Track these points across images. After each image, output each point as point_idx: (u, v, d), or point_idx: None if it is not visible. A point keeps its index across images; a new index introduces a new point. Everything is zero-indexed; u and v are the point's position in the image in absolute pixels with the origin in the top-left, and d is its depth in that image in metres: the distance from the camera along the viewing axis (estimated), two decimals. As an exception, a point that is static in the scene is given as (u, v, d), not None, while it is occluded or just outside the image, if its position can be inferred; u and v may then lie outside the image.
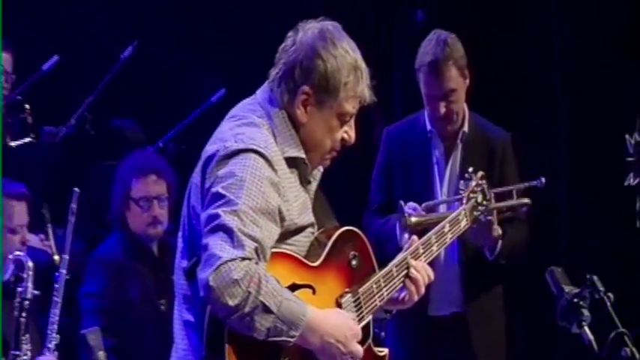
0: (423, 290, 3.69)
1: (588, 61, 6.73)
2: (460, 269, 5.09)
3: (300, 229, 3.52)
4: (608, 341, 3.89)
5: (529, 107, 5.56)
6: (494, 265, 4.84)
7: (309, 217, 3.56)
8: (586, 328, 3.96)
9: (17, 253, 4.76)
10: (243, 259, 3.30)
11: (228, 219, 3.33)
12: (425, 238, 3.82)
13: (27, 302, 4.64)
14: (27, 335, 4.62)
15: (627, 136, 4.17)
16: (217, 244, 3.32)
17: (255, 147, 3.41)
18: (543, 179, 4.97)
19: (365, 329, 3.59)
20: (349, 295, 3.58)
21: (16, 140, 6.11)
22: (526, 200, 4.91)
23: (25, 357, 4.59)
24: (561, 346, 4.43)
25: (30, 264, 4.68)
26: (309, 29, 3.56)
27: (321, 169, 3.66)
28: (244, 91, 3.55)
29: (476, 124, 5.23)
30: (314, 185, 3.65)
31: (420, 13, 7.26)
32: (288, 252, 3.48)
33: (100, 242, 5.81)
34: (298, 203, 3.53)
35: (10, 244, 4.96)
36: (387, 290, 3.64)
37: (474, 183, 4.41)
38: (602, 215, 4.70)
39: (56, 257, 5.59)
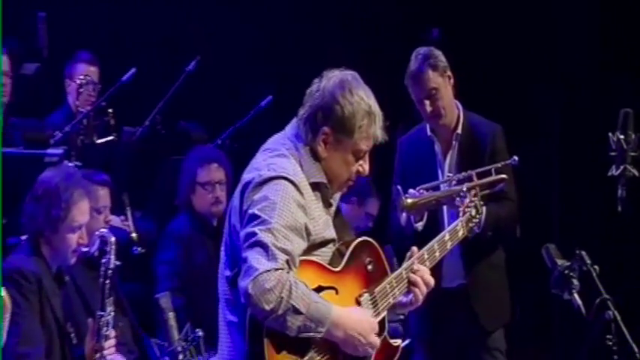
0: (424, 292, 3.64)
1: (582, 78, 6.72)
2: (460, 246, 5.04)
3: (324, 243, 3.51)
4: (594, 306, 3.86)
5: (531, 113, 5.49)
6: (483, 238, 4.78)
7: (331, 233, 3.55)
8: (575, 295, 3.95)
9: (102, 230, 4.76)
10: (277, 269, 3.31)
11: (263, 236, 3.34)
12: (429, 245, 3.78)
13: (110, 271, 4.63)
14: (110, 298, 4.62)
15: (610, 134, 4.14)
16: (255, 258, 3.33)
17: (285, 174, 3.42)
18: (516, 157, 4.92)
19: (381, 323, 3.57)
20: (367, 294, 3.56)
21: (100, 138, 6.13)
22: (503, 176, 4.81)
23: (108, 317, 4.59)
24: (555, 311, 4.36)
25: (112, 239, 4.67)
26: (331, 78, 3.54)
27: (338, 193, 3.64)
28: (287, 97, 3.56)
29: (469, 124, 5.13)
30: (334, 206, 3.63)
31: (435, 31, 7.23)
32: (315, 260, 3.47)
33: (169, 222, 5.79)
34: (322, 220, 3.52)
35: (96, 223, 4.97)
36: (398, 290, 3.61)
37: (467, 200, 4.36)
38: (589, 201, 4.67)
39: (134, 235, 5.60)
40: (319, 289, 3.43)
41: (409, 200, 4.82)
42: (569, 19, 7.54)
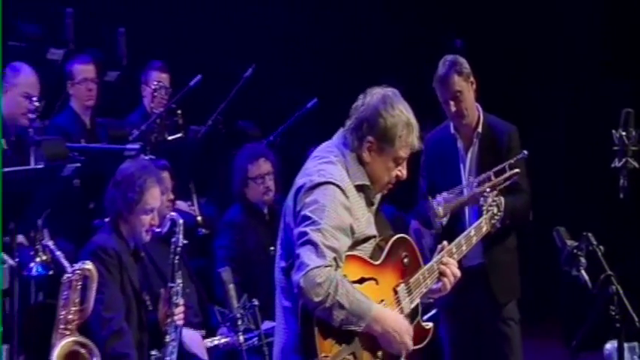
0: (452, 282, 3.62)
1: (586, 81, 6.69)
2: None
3: (366, 239, 3.48)
4: (599, 281, 3.81)
5: (542, 113, 5.43)
6: (501, 226, 4.77)
7: (373, 230, 3.52)
8: (583, 272, 3.90)
9: (172, 214, 4.77)
10: (326, 266, 3.29)
11: (314, 235, 3.31)
12: (457, 240, 3.75)
13: (178, 249, 4.65)
14: (179, 272, 4.64)
15: (613, 131, 4.11)
16: (306, 255, 3.30)
17: (332, 180, 3.39)
18: (526, 152, 4.89)
19: (415, 309, 3.56)
20: (403, 284, 3.52)
21: (171, 135, 6.15)
22: (516, 170, 4.75)
23: (178, 287, 4.60)
24: (564, 286, 4.33)
25: (180, 222, 4.69)
26: (374, 94, 3.51)
27: (379, 194, 3.59)
28: (329, 100, 3.55)
29: (488, 124, 5.06)
30: (375, 205, 3.58)
31: (458, 42, 7.19)
32: (358, 254, 3.44)
33: (228, 207, 5.78)
34: (365, 219, 3.48)
35: (165, 207, 4.98)
36: (430, 280, 3.58)
37: (490, 199, 4.29)
38: (595, 189, 4.60)
39: (199, 218, 5.60)
40: (361, 281, 3.41)
41: (441, 210, 4.80)
42: (574, 27, 7.50)
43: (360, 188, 3.47)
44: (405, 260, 3.56)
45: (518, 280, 5.09)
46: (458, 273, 3.63)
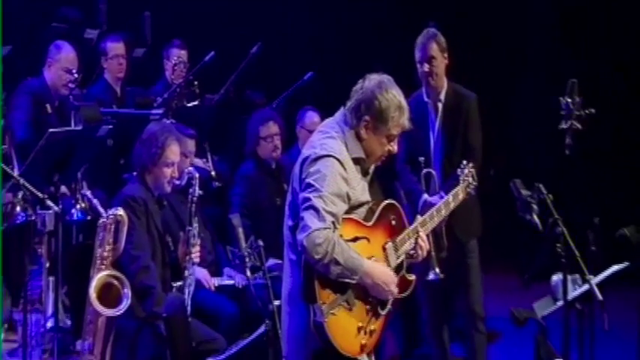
0: (423, 253, 3.59)
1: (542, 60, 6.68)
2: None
3: (360, 205, 3.44)
4: (548, 224, 3.80)
5: (505, 84, 5.38)
6: None
7: (366, 197, 3.48)
8: (535, 216, 3.89)
9: (189, 169, 4.78)
10: (325, 228, 3.28)
11: (315, 201, 3.30)
12: (437, 206, 3.74)
13: (194, 198, 4.66)
14: (195, 217, 4.65)
15: (561, 98, 4.10)
16: (309, 218, 3.29)
17: (333, 153, 3.37)
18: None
19: (400, 264, 3.54)
20: (391, 242, 3.51)
21: (189, 103, 6.14)
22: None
23: (194, 230, 4.61)
24: (519, 229, 4.35)
25: (196, 175, 4.69)
26: (372, 79, 3.48)
27: (373, 165, 3.57)
28: (324, 74, 3.53)
29: (453, 92, 5.03)
30: (369, 175, 3.56)
31: (432, 25, 7.14)
32: (353, 217, 3.43)
33: (238, 165, 5.76)
34: (360, 187, 3.46)
35: (184, 164, 4.97)
36: (413, 239, 3.56)
37: (467, 170, 4.15)
38: (546, 147, 4.59)
39: (213, 173, 5.60)
40: (355, 239, 3.41)
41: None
42: (535, 17, 7.48)
43: (356, 161, 3.45)
44: (393, 222, 3.54)
45: (479, 222, 5.04)
46: (427, 247, 3.60)
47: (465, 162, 4.60)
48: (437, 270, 4.81)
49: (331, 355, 3.33)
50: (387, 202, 3.56)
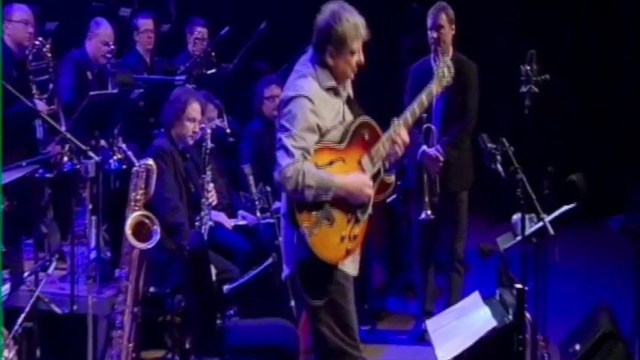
0: (402, 147, 3.36)
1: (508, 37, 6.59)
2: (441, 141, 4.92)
3: (332, 128, 3.29)
4: (509, 172, 3.77)
5: (482, 57, 5.20)
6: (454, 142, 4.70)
7: (340, 117, 3.30)
8: (498, 165, 3.85)
9: (202, 125, 4.76)
10: (294, 163, 3.15)
11: (285, 141, 3.19)
12: (410, 108, 3.44)
13: (207, 150, 4.63)
14: (209, 166, 4.64)
15: (522, 66, 4.08)
16: (280, 156, 3.21)
17: (302, 93, 3.23)
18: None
19: (377, 171, 3.39)
20: (366, 156, 3.35)
21: (207, 71, 6.10)
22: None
23: (208, 177, 4.60)
24: (487, 176, 4.31)
25: (209, 131, 4.68)
26: (325, 12, 3.31)
27: (349, 82, 3.41)
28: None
29: (457, 60, 4.77)
30: (346, 92, 3.38)
31: (416, 6, 7.03)
32: (324, 145, 3.26)
33: (249, 122, 5.73)
34: (332, 114, 3.28)
35: (206, 125, 4.96)
36: (388, 146, 3.36)
37: (442, 63, 3.78)
38: (509, 107, 4.56)
39: (228, 130, 5.58)
40: (331, 163, 3.27)
41: None
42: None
43: (329, 89, 3.31)
44: (366, 137, 3.35)
45: (471, 176, 4.95)
46: (407, 139, 3.39)
47: (440, 55, 4.54)
48: (428, 212, 4.84)
49: (314, 262, 3.25)
50: (359, 120, 3.36)
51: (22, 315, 3.61)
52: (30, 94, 4.92)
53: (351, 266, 3.39)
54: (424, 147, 4.87)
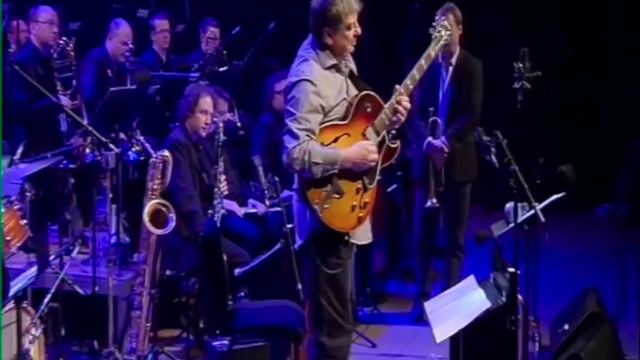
0: (404, 113, 3.29)
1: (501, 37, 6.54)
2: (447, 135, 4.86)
3: (336, 105, 3.24)
4: (503, 162, 3.76)
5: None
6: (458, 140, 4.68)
7: (343, 94, 3.24)
8: (493, 157, 3.85)
9: (215, 119, 4.74)
10: (299, 144, 3.14)
11: (290, 125, 3.19)
12: (410, 74, 3.33)
13: (220, 142, 4.57)
14: (221, 157, 4.61)
15: (515, 63, 4.05)
16: (287, 140, 3.19)
17: (304, 77, 3.21)
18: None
19: (382, 139, 3.32)
20: (370, 127, 3.29)
21: (220, 68, 6.07)
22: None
23: (220, 168, 4.57)
24: (483, 166, 4.28)
25: (221, 125, 4.62)
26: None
27: (350, 58, 3.31)
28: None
29: (463, 57, 4.87)
30: (348, 68, 3.30)
31: (417, 6, 6.99)
32: (328, 123, 3.23)
33: (256, 118, 5.69)
34: (335, 90, 3.23)
35: (217, 117, 4.95)
36: (390, 114, 3.29)
37: (438, 26, 3.57)
38: (503, 102, 4.53)
39: (238, 124, 5.57)
40: (336, 140, 3.24)
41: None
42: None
43: (330, 67, 3.27)
44: (368, 109, 3.29)
45: (476, 168, 4.89)
46: (408, 105, 3.31)
47: (437, 16, 4.50)
48: (434, 200, 4.82)
49: (326, 234, 3.25)
50: (361, 94, 3.30)
51: (48, 295, 3.62)
52: (54, 90, 4.93)
53: (362, 235, 3.40)
54: (430, 138, 4.84)
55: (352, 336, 3.59)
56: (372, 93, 3.34)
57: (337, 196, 3.25)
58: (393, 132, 3.38)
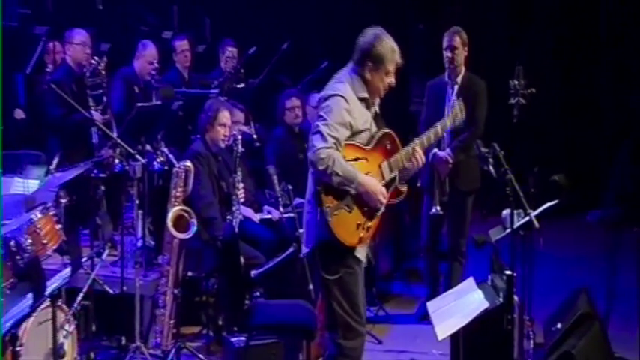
0: (419, 165, 3.40)
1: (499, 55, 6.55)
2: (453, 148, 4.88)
3: (362, 131, 3.30)
4: (500, 172, 3.74)
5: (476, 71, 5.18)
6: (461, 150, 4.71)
7: (367, 125, 3.32)
8: (490, 167, 3.82)
9: (234, 132, 4.76)
10: (328, 147, 3.17)
11: (321, 128, 3.21)
12: (427, 134, 3.49)
13: (238, 153, 4.57)
14: (239, 168, 4.61)
15: (510, 81, 4.06)
16: (316, 139, 3.21)
17: (339, 93, 3.27)
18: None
19: (393, 179, 3.39)
20: (386, 162, 3.37)
21: (237, 85, 6.09)
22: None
23: (238, 177, 4.56)
24: (483, 175, 4.27)
25: (239, 137, 4.63)
26: (368, 33, 3.37)
27: (378, 100, 3.44)
28: (337, 64, 3.44)
29: (468, 78, 4.90)
30: (374, 107, 3.39)
31: (421, 25, 6.99)
32: (354, 142, 3.30)
33: (270, 131, 5.71)
34: (362, 120, 3.30)
35: (233, 130, 4.97)
36: (406, 161, 3.40)
37: (456, 106, 3.70)
38: (500, 117, 4.51)
39: (254, 136, 5.58)
40: (356, 159, 3.30)
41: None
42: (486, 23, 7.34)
43: (361, 99, 3.34)
44: (388, 147, 3.39)
45: (478, 178, 4.86)
46: (423, 160, 3.42)
47: (454, 98, 4.52)
48: (438, 208, 4.83)
49: (332, 243, 3.27)
50: (383, 131, 3.39)
51: (81, 294, 3.64)
52: (87, 105, 4.97)
53: (362, 252, 3.42)
54: (435, 150, 4.85)
55: (366, 337, 3.57)
56: (393, 133, 3.43)
57: (347, 209, 3.29)
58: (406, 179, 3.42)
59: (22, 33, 5.94)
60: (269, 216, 5.11)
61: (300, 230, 3.91)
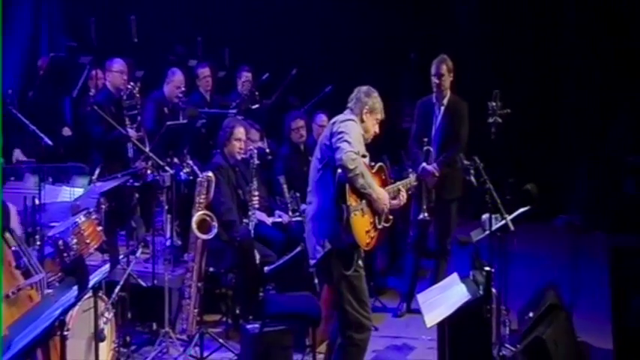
0: (400, 204, 3.53)
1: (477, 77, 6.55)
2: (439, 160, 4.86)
3: (364, 156, 3.41)
4: (480, 181, 3.78)
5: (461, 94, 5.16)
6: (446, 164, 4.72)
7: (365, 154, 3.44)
8: (472, 177, 3.85)
9: (250, 147, 4.77)
10: (356, 152, 3.27)
11: (347, 137, 3.29)
12: (402, 182, 3.64)
13: (254, 165, 4.61)
14: (255, 178, 4.63)
15: (489, 102, 4.08)
16: (344, 144, 3.27)
17: (353, 119, 3.42)
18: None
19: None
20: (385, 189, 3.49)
21: (252, 105, 6.10)
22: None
23: (254, 186, 4.59)
24: (465, 185, 4.27)
25: (255, 151, 4.68)
26: (362, 89, 3.53)
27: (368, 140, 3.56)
28: (339, 87, 3.52)
29: (453, 100, 4.88)
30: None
31: (413, 55, 7.00)
32: (364, 161, 3.41)
33: (280, 146, 5.69)
34: (363, 148, 3.41)
35: (249, 145, 4.97)
36: (392, 193, 3.52)
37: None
38: (479, 133, 4.51)
39: (267, 150, 5.59)
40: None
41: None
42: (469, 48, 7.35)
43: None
44: (383, 177, 3.56)
45: (461, 187, 4.82)
46: (404, 202, 3.54)
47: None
48: (425, 214, 4.82)
49: (347, 246, 3.31)
50: (379, 164, 3.55)
51: (118, 287, 3.68)
52: (124, 124, 5.01)
53: (362, 258, 3.49)
54: (424, 164, 4.85)
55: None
56: (384, 166, 3.55)
57: (361, 213, 3.35)
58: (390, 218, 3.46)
59: (69, 62, 6.00)
60: (280, 219, 5.12)
61: (309, 234, 3.89)
